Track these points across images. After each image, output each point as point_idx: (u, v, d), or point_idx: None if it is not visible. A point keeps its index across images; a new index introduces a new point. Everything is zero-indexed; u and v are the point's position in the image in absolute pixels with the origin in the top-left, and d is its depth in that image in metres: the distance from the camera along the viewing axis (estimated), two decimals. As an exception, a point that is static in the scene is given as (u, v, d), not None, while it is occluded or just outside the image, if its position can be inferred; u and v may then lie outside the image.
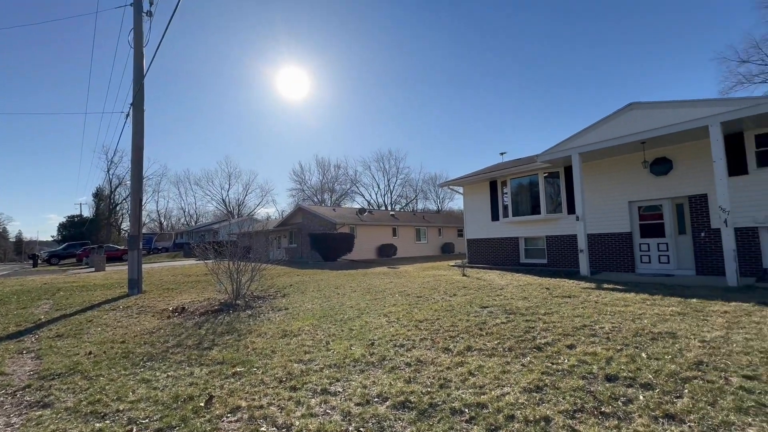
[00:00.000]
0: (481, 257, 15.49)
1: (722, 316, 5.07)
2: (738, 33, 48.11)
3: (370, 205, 57.92)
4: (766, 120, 8.31)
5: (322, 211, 26.44)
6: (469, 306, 6.56)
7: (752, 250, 8.84)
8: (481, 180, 15.50)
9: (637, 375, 3.25)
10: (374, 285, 10.18)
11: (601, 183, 11.52)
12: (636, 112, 9.44)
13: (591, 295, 7.09)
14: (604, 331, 4.57)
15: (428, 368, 3.75)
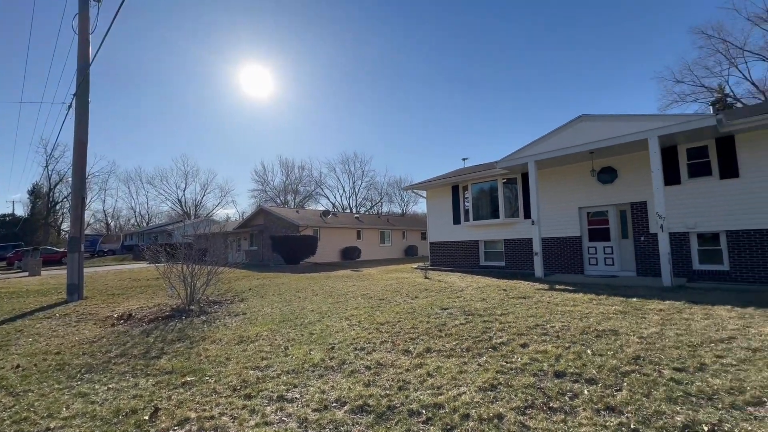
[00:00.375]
0: (443, 260, 15.82)
1: (658, 314, 5.51)
2: (674, 55, 53.04)
3: (334, 207, 57.43)
4: (696, 135, 9.19)
5: (284, 213, 25.84)
6: (430, 308, 6.66)
7: (684, 253, 9.71)
8: (443, 184, 15.86)
9: (583, 371, 3.44)
10: (337, 288, 10.07)
11: (554, 189, 12.18)
12: (585, 123, 10.10)
13: (544, 295, 7.45)
14: (555, 330, 4.82)
15: (388, 371, 3.76)
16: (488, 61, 64.40)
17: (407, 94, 74.87)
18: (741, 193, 8.94)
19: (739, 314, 5.28)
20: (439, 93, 72.42)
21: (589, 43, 56.47)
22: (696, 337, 4.27)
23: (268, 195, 57.87)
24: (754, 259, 8.73)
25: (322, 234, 24.44)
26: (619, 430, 2.47)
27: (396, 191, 60.73)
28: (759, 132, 8.79)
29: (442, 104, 74.45)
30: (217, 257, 9.21)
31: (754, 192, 8.77)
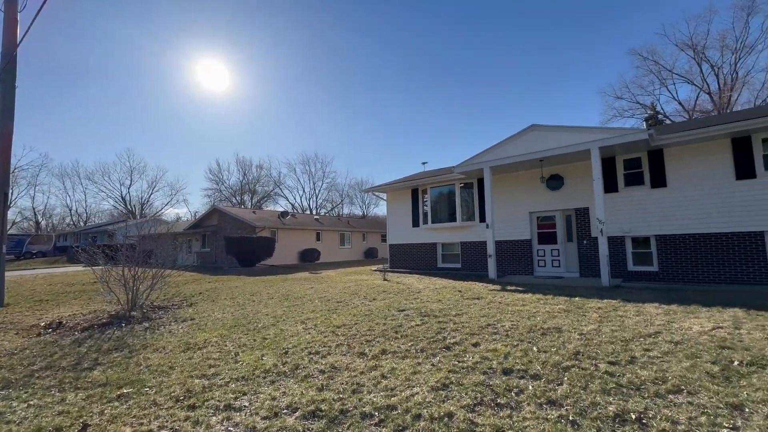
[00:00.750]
0: (402, 262, 16.00)
1: (597, 311, 5.93)
2: (615, 74, 57.91)
3: (294, 208, 56.18)
4: (632, 148, 10.06)
5: (240, 213, 24.86)
6: (387, 310, 6.69)
7: (620, 256, 10.56)
8: (403, 187, 16.07)
9: (529, 367, 3.62)
10: (293, 291, 9.84)
11: (508, 195, 12.76)
12: (536, 133, 10.70)
13: (496, 296, 7.76)
14: (505, 329, 5.03)
15: (342, 374, 3.72)
16: (449, 66, 66.31)
17: (367, 97, 75.15)
18: (668, 201, 9.90)
19: (664, 311, 5.82)
20: (399, 96, 73.41)
21: (544, 57, 59.92)
22: (628, 332, 4.65)
23: (223, 194, 55.44)
24: (679, 260, 9.69)
25: (280, 235, 23.81)
26: (559, 422, 2.61)
27: (357, 193, 60.67)
28: (683, 147, 9.80)
29: (403, 107, 75.54)
30: (164, 259, 8.65)
31: (678, 200, 9.75)
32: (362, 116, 78.38)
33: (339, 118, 78.94)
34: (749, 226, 8.84)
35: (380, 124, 79.82)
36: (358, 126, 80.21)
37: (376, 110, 77.02)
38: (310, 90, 74.83)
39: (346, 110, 77.37)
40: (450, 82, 68.33)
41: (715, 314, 5.47)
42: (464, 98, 70.58)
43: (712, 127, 9.11)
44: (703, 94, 30.45)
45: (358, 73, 70.45)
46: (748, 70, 28.94)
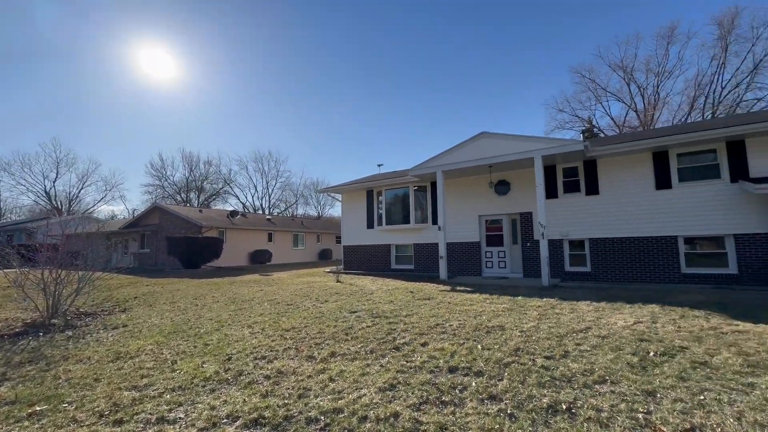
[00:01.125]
0: (356, 263, 15.95)
1: (536, 310, 6.32)
2: (558, 88, 62.38)
3: (245, 207, 53.89)
4: (570, 157, 10.88)
5: (185, 212, 23.35)
6: (338, 312, 6.63)
7: (559, 257, 11.36)
8: (358, 189, 16.05)
9: (473, 365, 3.76)
10: (241, 294, 9.42)
11: (459, 198, 13.22)
12: (485, 140, 11.21)
13: (446, 296, 7.99)
14: (453, 328, 5.19)
15: (289, 379, 3.61)
16: (406, 71, 67.45)
17: (324, 96, 74.27)
18: (600, 208, 10.83)
19: (595, 308, 6.34)
20: (357, 97, 73.37)
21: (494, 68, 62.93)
22: (563, 328, 5.00)
23: (166, 192, 51.70)
24: (608, 262, 10.63)
25: (229, 236, 22.71)
26: (498, 415, 2.74)
27: (312, 193, 59.59)
28: (613, 158, 10.77)
29: (360, 108, 75.60)
30: (94, 261, 7.88)
31: (609, 207, 10.70)
32: (318, 115, 77.23)
33: (294, 116, 77.09)
34: (666, 231, 9.92)
35: (336, 125, 79.16)
36: (313, 125, 78.88)
37: (333, 110, 76.30)
38: (264, 86, 72.32)
39: (302, 109, 75.78)
40: (407, 85, 69.55)
41: (637, 310, 6.06)
42: (421, 102, 72.16)
43: (636, 141, 10.12)
44: (632, 112, 33.79)
45: (315, 71, 69.32)
46: (667, 92, 32.64)
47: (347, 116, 76.85)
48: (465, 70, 63.90)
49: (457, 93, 67.83)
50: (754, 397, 2.86)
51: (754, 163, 9.10)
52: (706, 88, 29.73)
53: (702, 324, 5.05)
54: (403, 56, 64.36)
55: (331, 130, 79.81)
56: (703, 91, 29.96)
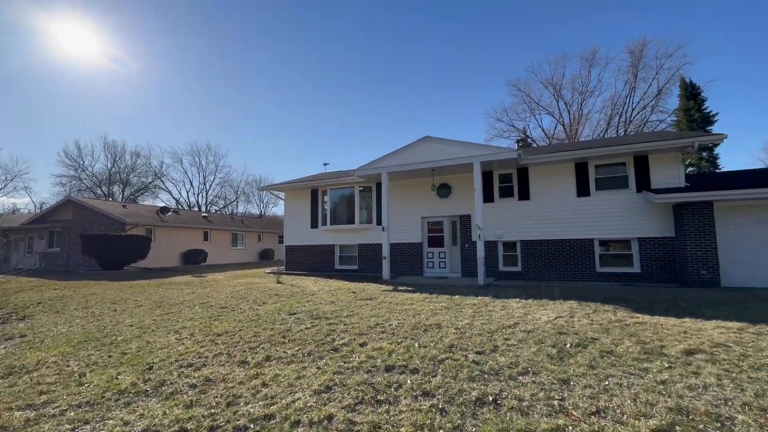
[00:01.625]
0: (299, 264, 15.55)
1: (471, 308, 6.65)
2: (498, 99, 66.59)
3: (178, 204, 49.95)
4: (505, 164, 11.63)
5: (105, 207, 21.03)
6: (277, 314, 6.40)
7: (494, 258, 12.09)
8: (303, 187, 15.67)
9: (409, 363, 3.84)
10: (170, 297, 8.70)
11: (403, 200, 13.49)
12: (429, 144, 11.57)
13: (388, 296, 8.09)
14: (392, 327, 5.26)
15: (217, 386, 3.40)
16: (352, 72, 67.40)
17: (269, 91, 71.60)
18: (530, 212, 11.71)
19: (523, 305, 6.83)
20: (304, 94, 71.77)
21: (439, 77, 65.27)
22: (494, 325, 5.31)
23: (83, 184, 46.11)
24: (536, 262, 11.52)
25: (159, 234, 20.89)
26: (430, 410, 2.82)
27: (254, 191, 57.02)
28: (543, 167, 11.72)
29: (306, 107, 74.04)
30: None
31: (538, 211, 11.61)
32: (262, 111, 74.19)
33: (236, 110, 73.21)
34: (585, 234, 11.01)
35: (282, 122, 76.68)
36: (257, 120, 75.61)
37: (278, 106, 73.80)
38: (203, 75, 67.76)
39: (244, 102, 72.25)
40: (355, 88, 69.53)
41: (558, 306, 6.63)
42: (368, 104, 72.58)
43: (561, 153, 11.12)
44: (560, 126, 37.08)
45: (261, 62, 66.50)
46: (589, 110, 36.35)
47: (293, 113, 74.80)
48: (413, 76, 65.56)
49: (404, 97, 69.34)
50: (647, 380, 3.26)
51: (655, 176, 10.45)
52: (620, 108, 33.63)
53: (610, 317, 5.67)
54: (351, 59, 64.31)
55: (276, 127, 77.11)
56: (618, 110, 33.83)
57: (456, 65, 61.90)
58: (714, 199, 9.21)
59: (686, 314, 5.85)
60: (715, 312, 5.97)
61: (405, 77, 66.05)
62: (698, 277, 9.20)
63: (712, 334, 4.62)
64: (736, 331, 4.78)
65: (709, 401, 2.85)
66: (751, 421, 2.54)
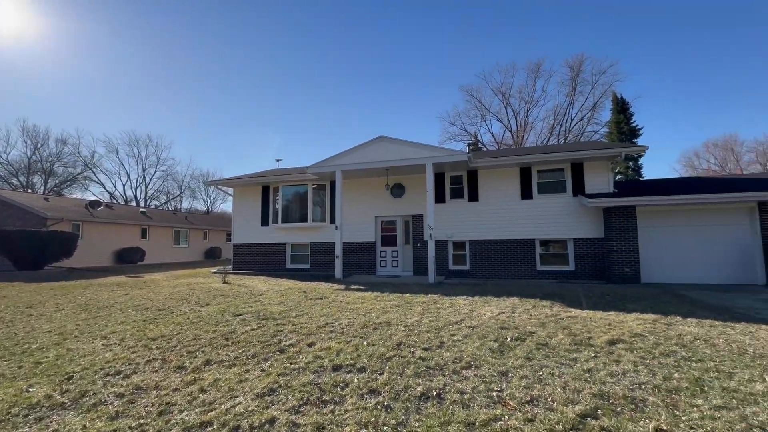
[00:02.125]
0: (248, 263, 14.93)
1: (421, 305, 6.79)
2: (451, 103, 68.80)
3: (113, 198, 45.74)
4: (456, 167, 12.04)
5: (22, 200, 18.70)
6: (221, 315, 6.08)
7: (444, 257, 12.47)
8: (253, 183, 15.07)
9: (357, 361, 3.83)
10: (98, 300, 7.95)
11: (357, 199, 13.47)
12: (384, 143, 11.65)
13: (339, 295, 8.03)
14: (342, 327, 5.22)
15: (149, 395, 3.15)
16: (305, 68, 66.10)
17: (216, 79, 68.02)
18: (479, 213, 12.23)
19: (469, 302, 7.11)
20: (254, 87, 69.07)
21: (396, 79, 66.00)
22: (442, 321, 5.47)
23: (-5, 172, 40.58)
24: (484, 261, 12.06)
25: (89, 231, 19.00)
26: (376, 408, 2.83)
27: (201, 186, 53.80)
28: (491, 170, 12.29)
29: (258, 99, 71.34)
30: None
31: (486, 213, 12.16)
32: (212, 102, 70.22)
33: (182, 99, 68.57)
34: (527, 235, 11.72)
35: (232, 115, 73.17)
36: (205, 111, 71.45)
37: (228, 97, 70.30)
38: (144, 58, 62.64)
39: (191, 91, 67.93)
40: (309, 85, 68.22)
41: (502, 303, 6.99)
42: (324, 102, 71.57)
43: (508, 157, 11.76)
44: (508, 132, 39.18)
45: (208, 49, 62.88)
46: (534, 118, 38.75)
47: (244, 106, 71.67)
48: (370, 76, 65.67)
49: (360, 95, 69.29)
50: (576, 369, 3.54)
51: (588, 181, 11.39)
52: (561, 118, 36.27)
53: (547, 312, 6.08)
54: (310, 54, 63.03)
55: (227, 119, 73.36)
56: (559, 120, 36.44)
57: (412, 67, 63.02)
58: (636, 204, 10.24)
59: (611, 308, 6.44)
60: (635, 305, 6.64)
61: (362, 77, 66.03)
62: (623, 275, 10.18)
63: (632, 326, 5.12)
64: (651, 322, 5.35)
65: (626, 386, 3.15)
66: (659, 402, 2.85)
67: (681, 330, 4.90)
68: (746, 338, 4.55)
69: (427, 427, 2.53)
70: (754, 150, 38.77)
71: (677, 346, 4.21)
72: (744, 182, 11.50)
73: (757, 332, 4.83)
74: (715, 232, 10.10)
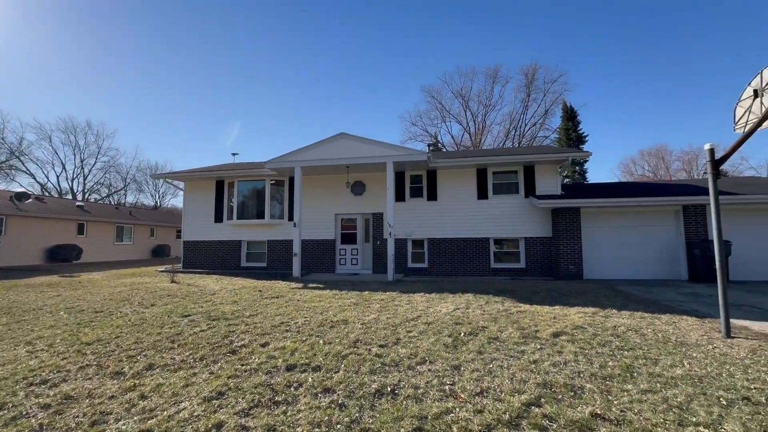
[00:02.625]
0: (200, 261, 14.18)
1: (379, 303, 6.83)
2: (412, 103, 69.59)
3: (44, 190, 41.48)
4: (417, 166, 12.22)
5: (-69, 190, 16.42)
6: (166, 317, 5.73)
7: (403, 255, 12.62)
8: (207, 177, 14.33)
9: (312, 360, 3.77)
10: (23, 301, 7.18)
11: (317, 196, 13.25)
12: (344, 140, 11.55)
13: (297, 294, 7.86)
14: (297, 326, 5.12)
15: (80, 404, 2.89)
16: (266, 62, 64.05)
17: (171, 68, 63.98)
18: (437, 212, 12.51)
19: (427, 299, 7.25)
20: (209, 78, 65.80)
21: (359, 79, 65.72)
22: (399, 318, 5.53)
23: None
24: (442, 258, 12.36)
25: (14, 225, 17.09)
26: (330, 407, 2.80)
27: (149, 180, 50.32)
28: (449, 171, 12.61)
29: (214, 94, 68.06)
30: None
31: (444, 212, 12.46)
32: (162, 89, 65.84)
33: (127, 84, 63.63)
34: (483, 233, 12.17)
35: (186, 104, 69.12)
36: (155, 99, 66.88)
37: (179, 85, 66.31)
38: (81, 39, 57.28)
39: (139, 75, 63.23)
40: (270, 81, 66.14)
41: (457, 299, 7.20)
42: (282, 96, 69.68)
43: (466, 158, 12.15)
44: (466, 134, 40.44)
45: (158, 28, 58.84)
46: (491, 122, 40.31)
47: (198, 97, 67.98)
48: (332, 74, 64.88)
49: (322, 93, 68.30)
50: (523, 361, 3.73)
51: (539, 183, 12.03)
52: (516, 123, 38.00)
53: (499, 307, 6.35)
54: (270, 50, 61.02)
55: (179, 109, 69.15)
56: (514, 125, 38.15)
57: (375, 66, 63.08)
58: (581, 205, 10.99)
59: (557, 303, 6.86)
60: (578, 300, 7.12)
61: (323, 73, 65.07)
62: (568, 271, 10.89)
63: (574, 319, 5.49)
64: (591, 315, 5.76)
65: (567, 375, 3.36)
66: (595, 388, 3.07)
67: (616, 322, 5.32)
68: (670, 328, 5.04)
69: (380, 423, 2.54)
70: (680, 158, 43.07)
71: (612, 337, 4.56)
72: (672, 187, 12.72)
73: (679, 322, 5.37)
74: (647, 232, 11.09)
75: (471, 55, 57.04)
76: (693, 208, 10.67)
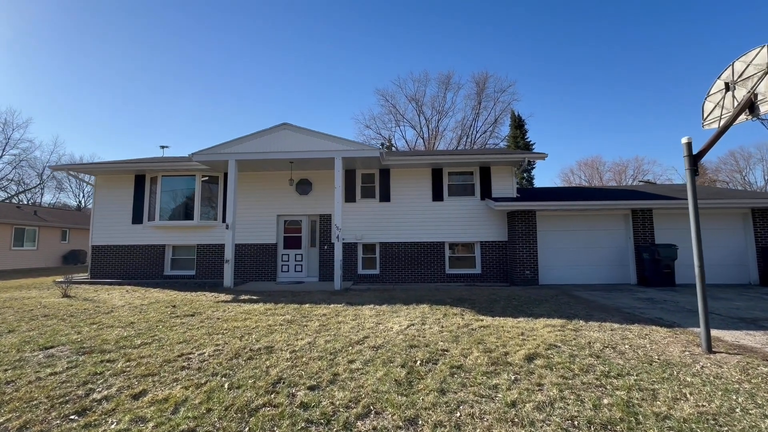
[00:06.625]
0: (113, 269, 11.98)
1: (320, 319, 5.68)
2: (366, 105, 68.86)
3: (-72, 185, 34.71)
4: (368, 163, 11.23)
5: None
6: (14, 351, 4.13)
7: (353, 260, 11.52)
8: (124, 171, 12.21)
9: (202, 421, 2.56)
10: None
11: (256, 195, 11.76)
12: (287, 132, 10.26)
13: (219, 310, 6.46)
14: (202, 359, 3.83)
15: None
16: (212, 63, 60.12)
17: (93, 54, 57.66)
18: (390, 214, 11.59)
19: (376, 312, 6.23)
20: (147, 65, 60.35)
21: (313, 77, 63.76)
22: (340, 342, 4.44)
23: None
24: (394, 264, 11.44)
25: None
26: None
27: (68, 177, 44.31)
28: (403, 170, 11.76)
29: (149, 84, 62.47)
30: None
31: (397, 214, 11.57)
32: (89, 74, 59.01)
33: (47, 69, 56.19)
34: (438, 237, 11.45)
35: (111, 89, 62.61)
36: (80, 85, 59.76)
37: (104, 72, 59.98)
38: None
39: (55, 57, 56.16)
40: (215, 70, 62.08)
41: (411, 311, 6.25)
42: (223, 87, 65.75)
43: (420, 157, 11.39)
44: (420, 139, 40.40)
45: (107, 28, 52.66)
46: (444, 128, 40.62)
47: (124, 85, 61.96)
48: (285, 71, 62.38)
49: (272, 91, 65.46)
50: (498, 404, 2.82)
51: (495, 186, 11.58)
52: (468, 130, 38.58)
53: (459, 321, 5.49)
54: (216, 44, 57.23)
55: (104, 96, 62.41)
56: (466, 132, 38.69)
57: (328, 66, 61.64)
58: (536, 208, 10.65)
59: (520, 314, 6.16)
60: (540, 309, 6.50)
61: (273, 70, 62.43)
62: (524, 277, 10.46)
63: (544, 334, 4.76)
64: (560, 328, 5.08)
65: (559, 425, 2.49)
66: (600, 448, 2.22)
67: (589, 337, 4.67)
68: (645, 342, 4.47)
69: None
70: (611, 169, 46.52)
71: (592, 358, 3.85)
72: (622, 193, 12.94)
73: (651, 334, 4.85)
74: (599, 236, 11.03)
75: (425, 60, 57.63)
76: (641, 213, 10.76)
